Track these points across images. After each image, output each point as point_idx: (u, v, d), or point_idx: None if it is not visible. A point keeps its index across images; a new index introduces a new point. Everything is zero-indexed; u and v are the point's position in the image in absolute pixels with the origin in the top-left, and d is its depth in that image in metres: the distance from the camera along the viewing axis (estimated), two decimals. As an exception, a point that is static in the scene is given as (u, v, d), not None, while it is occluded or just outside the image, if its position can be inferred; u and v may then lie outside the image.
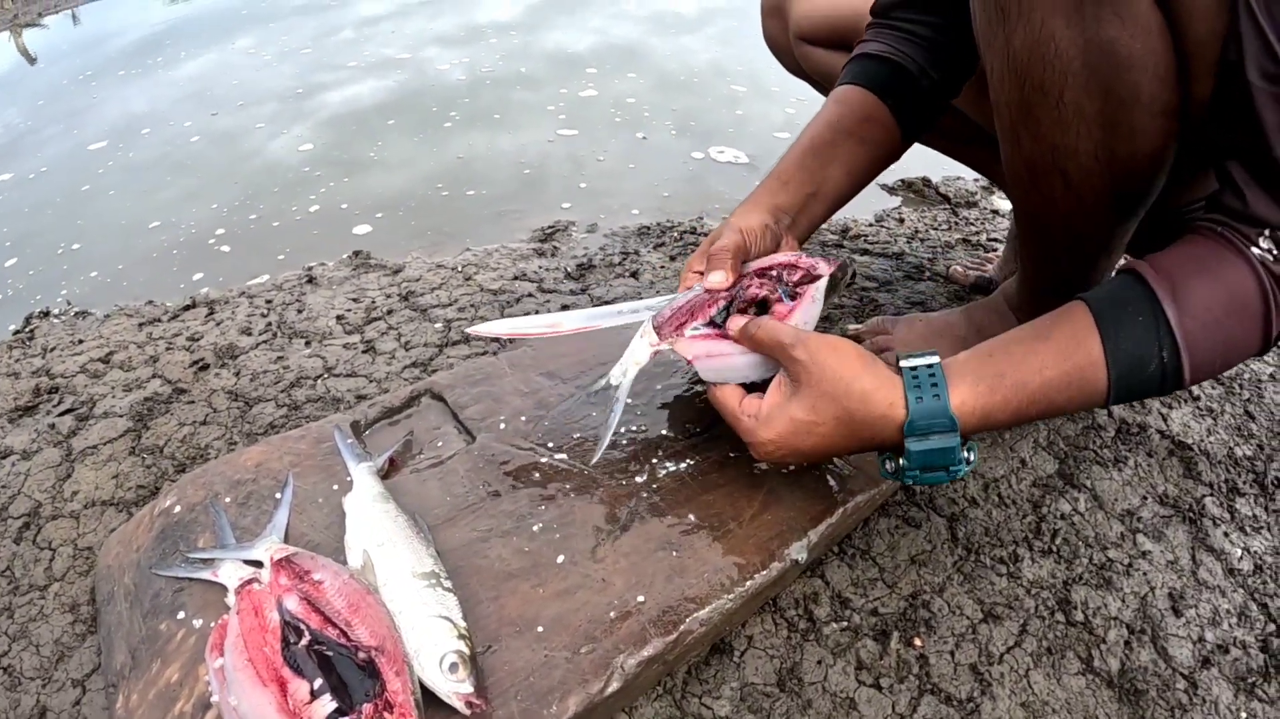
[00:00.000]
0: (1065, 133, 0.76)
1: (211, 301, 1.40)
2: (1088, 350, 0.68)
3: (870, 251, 1.56)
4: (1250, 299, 0.67)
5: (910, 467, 0.69)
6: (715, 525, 0.79)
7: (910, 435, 0.68)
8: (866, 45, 1.00)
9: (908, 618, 0.82)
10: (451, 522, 0.78)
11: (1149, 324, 0.67)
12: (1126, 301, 0.69)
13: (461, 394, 0.94)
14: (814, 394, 0.70)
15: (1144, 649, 0.81)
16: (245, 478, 0.83)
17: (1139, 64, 0.69)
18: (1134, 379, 0.68)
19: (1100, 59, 0.70)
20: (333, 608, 0.65)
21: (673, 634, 0.69)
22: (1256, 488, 1.01)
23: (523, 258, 1.51)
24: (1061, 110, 0.75)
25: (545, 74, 2.77)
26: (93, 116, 2.71)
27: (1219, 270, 0.67)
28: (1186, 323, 0.66)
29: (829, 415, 0.70)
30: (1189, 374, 0.68)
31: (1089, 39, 0.70)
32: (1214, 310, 0.67)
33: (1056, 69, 0.73)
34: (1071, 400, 0.70)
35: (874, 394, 0.69)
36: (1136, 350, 0.67)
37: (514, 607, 0.70)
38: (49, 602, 0.84)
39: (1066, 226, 0.87)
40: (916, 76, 0.97)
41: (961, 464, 0.69)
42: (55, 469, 1.00)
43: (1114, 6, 0.68)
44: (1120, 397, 0.70)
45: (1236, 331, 0.68)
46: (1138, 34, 0.68)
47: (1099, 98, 0.73)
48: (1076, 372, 0.68)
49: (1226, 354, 0.69)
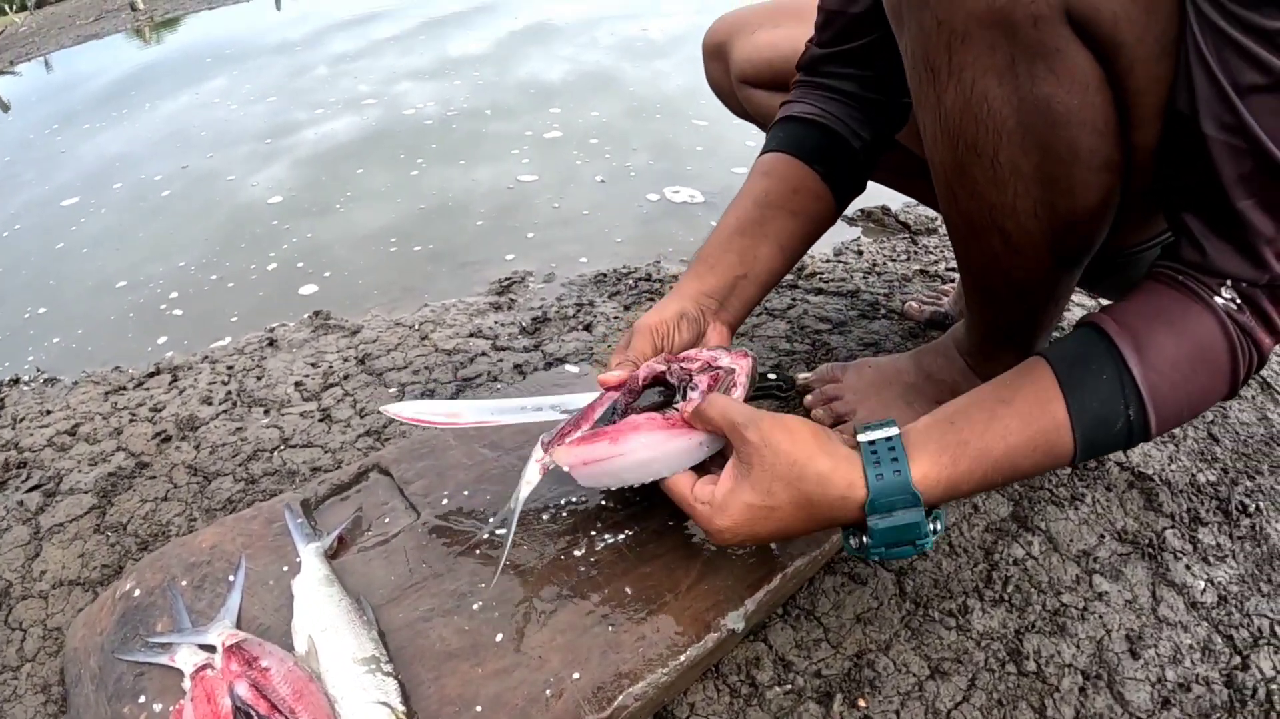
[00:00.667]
0: (1002, 192, 0.75)
1: (175, 368, 1.43)
2: (1052, 414, 0.67)
3: (825, 291, 1.56)
4: (1216, 350, 0.66)
5: (875, 544, 0.67)
6: (651, 598, 0.80)
7: (873, 513, 0.66)
8: (793, 107, 0.98)
9: (852, 678, 0.81)
10: (395, 602, 0.81)
11: (1113, 382, 0.66)
12: (1089, 358, 0.68)
13: (407, 469, 0.97)
14: (768, 478, 0.68)
15: (1100, 695, 0.80)
16: (200, 560, 0.87)
17: (1076, 120, 0.68)
18: (1099, 438, 0.67)
19: (1036, 117, 0.69)
20: (278, 695, 0.69)
21: (607, 710, 0.70)
22: (1220, 515, 1.00)
23: (479, 313, 1.55)
24: (997, 170, 0.73)
25: (510, 110, 2.83)
26: (65, 167, 2.75)
27: (1183, 322, 0.66)
28: (1151, 377, 0.65)
29: (785, 499, 0.68)
30: (1155, 428, 0.67)
31: (1023, 97, 0.68)
32: (1180, 365, 0.66)
33: (990, 129, 0.71)
34: (1037, 464, 0.68)
35: (832, 475, 0.67)
36: (1102, 411, 0.66)
37: (454, 687, 0.73)
38: (21, 682, 0.86)
39: (1009, 280, 0.85)
40: (847, 139, 0.95)
41: (928, 537, 0.67)
42: (25, 548, 1.03)
43: (1048, 63, 0.66)
44: (1085, 455, 0.68)
45: (1203, 382, 0.67)
46: (1074, 89, 0.66)
47: (1036, 155, 0.71)
48: (1041, 435, 0.67)
49: (1193, 405, 0.68)
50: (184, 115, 3.13)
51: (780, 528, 0.70)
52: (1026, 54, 0.66)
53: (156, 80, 3.68)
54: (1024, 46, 0.66)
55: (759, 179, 0.96)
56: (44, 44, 4.77)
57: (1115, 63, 0.65)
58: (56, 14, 5.61)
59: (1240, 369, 0.67)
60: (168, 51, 4.53)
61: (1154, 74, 0.65)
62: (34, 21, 5.37)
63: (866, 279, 1.62)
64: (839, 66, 0.96)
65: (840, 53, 0.96)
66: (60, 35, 4.93)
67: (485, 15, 4.26)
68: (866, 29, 0.92)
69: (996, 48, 0.67)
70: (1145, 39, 0.63)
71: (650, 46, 3.52)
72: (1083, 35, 0.64)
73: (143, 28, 4.96)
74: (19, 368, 1.58)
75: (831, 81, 0.97)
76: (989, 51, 0.67)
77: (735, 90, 1.29)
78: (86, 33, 4.91)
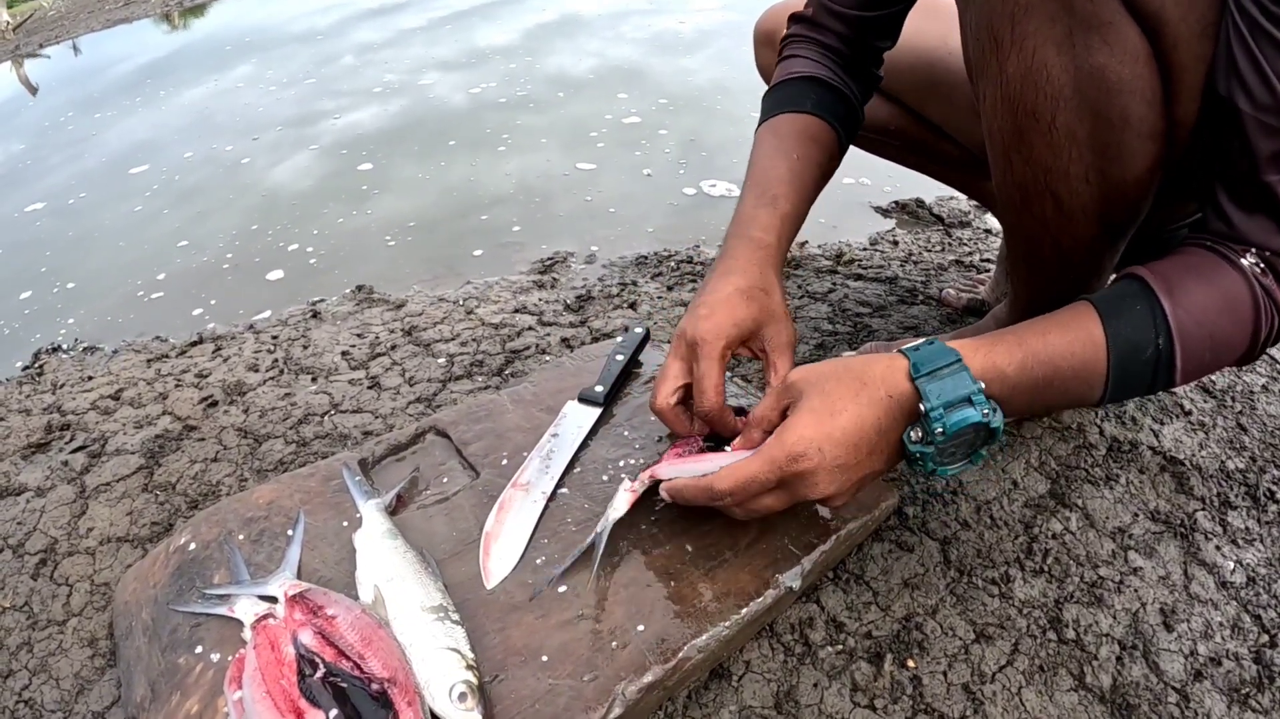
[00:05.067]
0: (1057, 156, 0.79)
1: (218, 338, 1.43)
2: (1089, 330, 0.71)
3: (864, 276, 1.58)
4: (1241, 301, 0.70)
5: (932, 407, 0.67)
6: (711, 555, 0.81)
7: (919, 376, 0.68)
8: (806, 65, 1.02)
9: (901, 640, 0.83)
10: (458, 556, 0.81)
11: (1145, 314, 0.70)
12: (1125, 295, 0.72)
13: (465, 431, 0.97)
14: (818, 382, 0.71)
15: (1135, 664, 0.82)
16: (258, 515, 0.86)
17: (1128, 89, 0.72)
18: (1131, 364, 0.71)
19: (1091, 85, 0.73)
20: (346, 641, 0.68)
21: (671, 661, 0.71)
22: (1249, 500, 1.02)
23: (523, 290, 1.55)
24: (1054, 134, 0.78)
25: (540, 102, 2.82)
26: (92, 148, 2.76)
27: (1212, 275, 0.71)
28: (1180, 314, 0.69)
29: (840, 392, 0.69)
30: (1180, 365, 0.70)
31: (1079, 66, 0.73)
32: (1207, 309, 0.70)
33: (1048, 95, 0.75)
34: (1075, 373, 0.71)
35: (872, 360, 0.71)
36: (1134, 336, 0.70)
37: (519, 637, 0.73)
38: (68, 636, 0.86)
39: (1057, 248, 0.89)
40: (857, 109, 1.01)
41: (983, 400, 0.67)
42: (70, 506, 1.03)
43: (1103, 34, 0.70)
44: (1117, 382, 0.71)
45: (1227, 330, 0.71)
46: (1126, 60, 0.71)
47: (1089, 121, 0.75)
48: (1079, 344, 0.71)
49: (1216, 350, 0.72)
50: (212, 100, 3.14)
51: (851, 422, 0.69)
52: (1083, 26, 0.71)
53: (183, 66, 3.70)
54: (1081, 19, 0.71)
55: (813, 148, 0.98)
56: (73, 28, 4.80)
57: (1161, 38, 0.70)
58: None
59: (1263, 327, 0.71)
60: (193, 37, 4.56)
61: (1195, 52, 0.69)
62: (63, 5, 5.40)
63: (904, 267, 1.63)
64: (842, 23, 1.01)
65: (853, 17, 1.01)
66: (89, 19, 4.97)
67: (511, 7, 4.26)
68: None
69: (1056, 20, 0.72)
70: (1189, 18, 0.68)
71: (679, 42, 3.51)
72: (1133, 11, 0.70)
73: (171, 13, 4.99)
74: (57, 337, 1.58)
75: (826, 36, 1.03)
76: (1049, 23, 0.73)
77: None
78: (115, 17, 4.94)
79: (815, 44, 1.03)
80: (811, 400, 0.70)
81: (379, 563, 0.77)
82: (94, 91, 3.48)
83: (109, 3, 5.33)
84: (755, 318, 0.85)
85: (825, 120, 0.99)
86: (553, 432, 0.94)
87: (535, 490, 0.87)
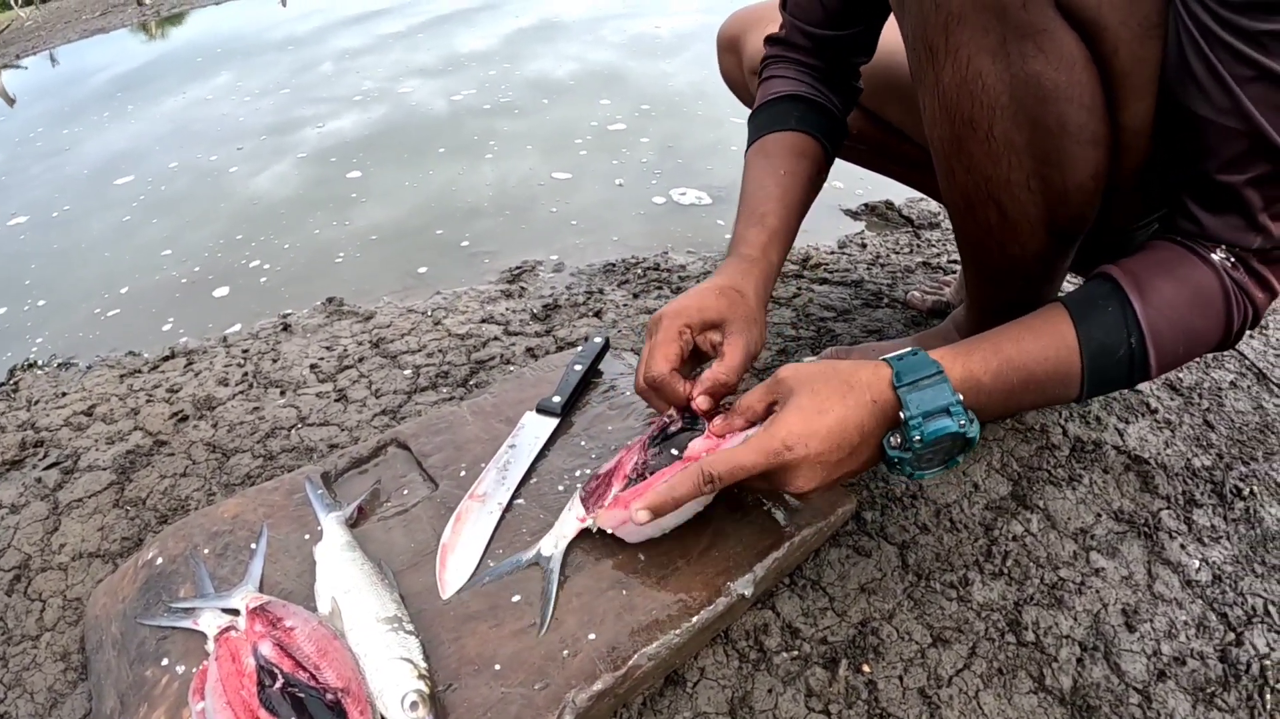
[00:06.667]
0: (997, 164, 0.80)
1: (190, 352, 1.45)
2: (1063, 334, 0.73)
3: (829, 280, 1.59)
4: (1212, 295, 0.72)
5: (912, 416, 0.70)
6: (664, 563, 0.82)
7: (901, 385, 0.70)
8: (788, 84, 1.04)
9: (856, 645, 0.84)
10: (415, 567, 0.83)
11: (1117, 314, 0.72)
12: (1096, 297, 0.74)
13: (425, 443, 0.99)
14: (808, 383, 0.73)
15: (1096, 665, 0.82)
16: (223, 529, 0.89)
17: (1064, 95, 0.72)
18: (1105, 365, 0.73)
19: (1026, 92, 0.73)
20: (303, 653, 0.71)
21: (621, 669, 0.73)
22: (1215, 498, 1.02)
23: (490, 300, 1.56)
24: (992, 143, 0.78)
25: (516, 108, 2.83)
26: (70, 159, 2.76)
27: (1182, 270, 0.72)
28: (1150, 313, 0.71)
29: (828, 392, 0.72)
30: (1155, 360, 0.72)
31: (1014, 74, 0.73)
32: (1177, 306, 0.72)
33: (985, 104, 0.76)
34: (1049, 376, 0.73)
35: (859, 366, 0.73)
36: (1106, 339, 0.72)
37: (473, 646, 0.75)
38: (41, 651, 0.88)
39: (1005, 254, 0.89)
40: (839, 118, 1.02)
41: (961, 411, 0.70)
42: (43, 522, 1.05)
43: (1037, 41, 0.71)
44: (1093, 380, 0.74)
45: (1199, 323, 0.72)
46: (1062, 67, 0.71)
47: (1027, 129, 0.76)
48: (1052, 349, 0.73)
49: (1190, 343, 0.74)
50: (189, 110, 3.15)
51: (838, 423, 0.71)
52: (1017, 33, 0.71)
53: (162, 75, 3.70)
54: (1014, 27, 0.71)
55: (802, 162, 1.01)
56: (50, 38, 4.79)
57: (1101, 43, 0.70)
58: (62, 8, 5.64)
59: (1235, 318, 0.73)
60: (173, 46, 4.55)
61: (1138, 55, 0.70)
62: (39, 16, 5.39)
63: (870, 270, 1.64)
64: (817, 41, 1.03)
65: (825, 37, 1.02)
66: (66, 30, 4.96)
67: (489, 13, 4.28)
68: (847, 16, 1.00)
69: (989, 28, 0.72)
70: (1129, 22, 0.69)
71: (657, 45, 3.53)
72: (1069, 17, 0.70)
73: (148, 23, 4.98)
74: (32, 353, 1.59)
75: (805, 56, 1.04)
76: (982, 32, 0.73)
77: (747, 82, 1.33)
78: (92, 27, 4.93)
79: (793, 62, 1.05)
80: (801, 398, 0.72)
81: (337, 575, 0.79)
82: (73, 102, 3.48)
83: (86, 13, 5.32)
84: (722, 311, 0.87)
85: (810, 134, 1.01)
86: (510, 443, 0.96)
87: (491, 501, 0.89)
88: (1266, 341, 1.34)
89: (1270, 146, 0.65)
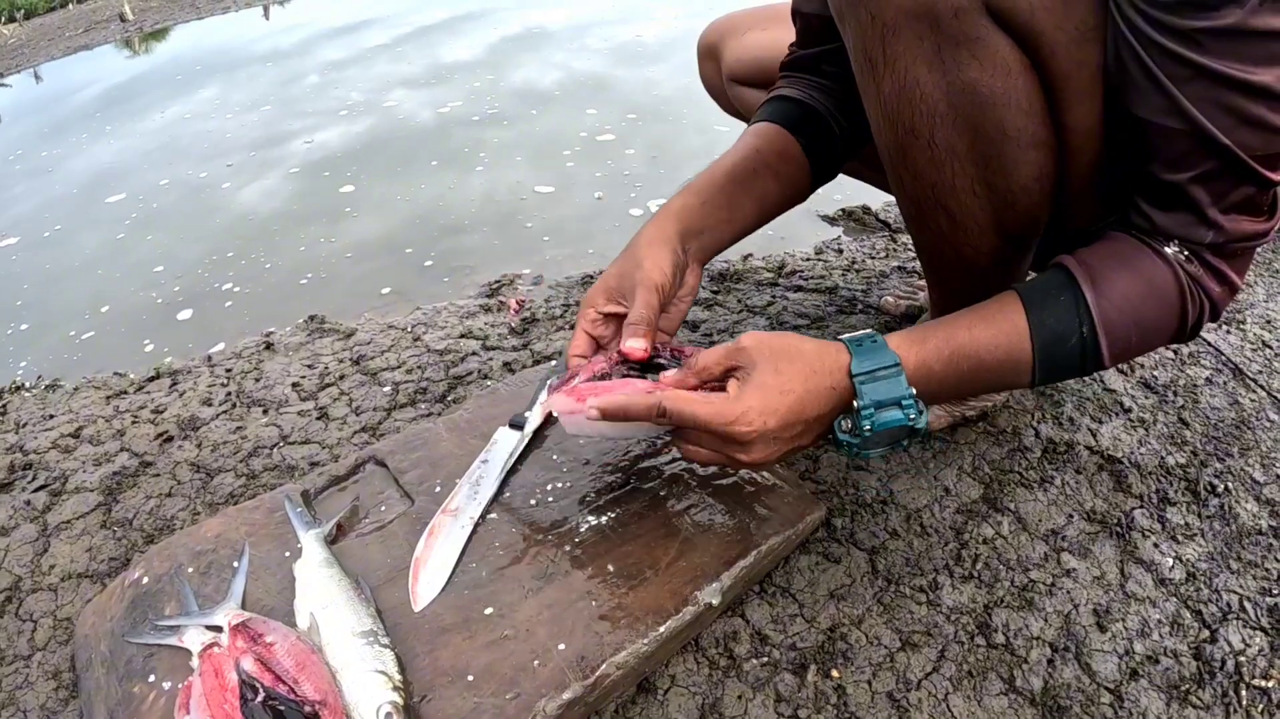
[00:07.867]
0: (941, 171, 0.81)
1: (175, 372, 1.48)
2: (1014, 321, 0.75)
3: (804, 288, 1.60)
4: (1166, 288, 0.73)
5: (865, 406, 0.72)
6: (632, 574, 0.85)
7: (857, 374, 0.73)
8: (781, 89, 1.04)
9: (826, 650, 0.85)
10: (391, 582, 0.86)
11: (1069, 303, 0.74)
12: (1050, 286, 0.76)
13: (402, 459, 1.02)
14: (772, 359, 0.73)
15: (1067, 666, 0.83)
16: (206, 548, 0.92)
17: (1002, 101, 0.74)
18: (1057, 352, 0.75)
19: (964, 99, 0.75)
20: (282, 667, 0.74)
21: (590, 678, 0.75)
22: (1189, 495, 1.03)
23: (469, 314, 1.59)
24: (934, 150, 0.80)
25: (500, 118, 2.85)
26: (60, 178, 2.77)
27: (1137, 262, 0.74)
28: (1103, 304, 0.73)
29: (791, 372, 0.73)
30: (1106, 350, 0.75)
31: (951, 82, 0.75)
32: (1130, 297, 0.73)
33: (924, 112, 0.77)
34: (1000, 364, 0.76)
35: (822, 350, 0.74)
36: (1058, 327, 0.74)
37: (447, 658, 0.78)
38: (33, 670, 0.91)
39: (960, 259, 0.91)
40: (829, 121, 1.01)
41: (912, 404, 0.73)
42: (33, 544, 1.07)
43: (971, 49, 0.72)
44: (1045, 368, 0.76)
45: (1153, 315, 0.74)
46: (998, 73, 0.73)
47: (968, 135, 0.77)
48: (1003, 336, 0.75)
49: (1144, 334, 0.76)
50: (174, 126, 3.16)
51: (798, 404, 0.73)
52: (951, 42, 0.73)
53: (147, 91, 3.71)
54: (948, 36, 0.73)
55: (751, 138, 1.00)
56: (33, 55, 4.79)
57: (1037, 48, 0.72)
58: (46, 25, 5.64)
59: (1190, 311, 0.75)
60: (157, 62, 4.57)
61: (1077, 58, 0.72)
62: (23, 33, 5.40)
63: (845, 276, 1.66)
64: (820, 64, 1.02)
65: (821, 53, 1.02)
66: (50, 47, 4.96)
67: (473, 23, 4.31)
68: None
69: (924, 38, 0.74)
70: (1065, 26, 0.70)
71: (642, 52, 3.56)
72: (1003, 24, 0.71)
73: (132, 38, 5.00)
74: (19, 374, 1.62)
75: (813, 76, 1.03)
76: (917, 41, 0.74)
77: (726, 89, 1.37)
78: (76, 44, 4.94)
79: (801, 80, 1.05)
80: (765, 375, 0.73)
81: (315, 591, 0.83)
82: (58, 119, 3.49)
83: (69, 30, 5.32)
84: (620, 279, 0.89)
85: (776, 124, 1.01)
86: (483, 458, 0.99)
87: (464, 515, 0.92)
88: (1244, 337, 1.36)
89: (1213, 143, 0.66)
